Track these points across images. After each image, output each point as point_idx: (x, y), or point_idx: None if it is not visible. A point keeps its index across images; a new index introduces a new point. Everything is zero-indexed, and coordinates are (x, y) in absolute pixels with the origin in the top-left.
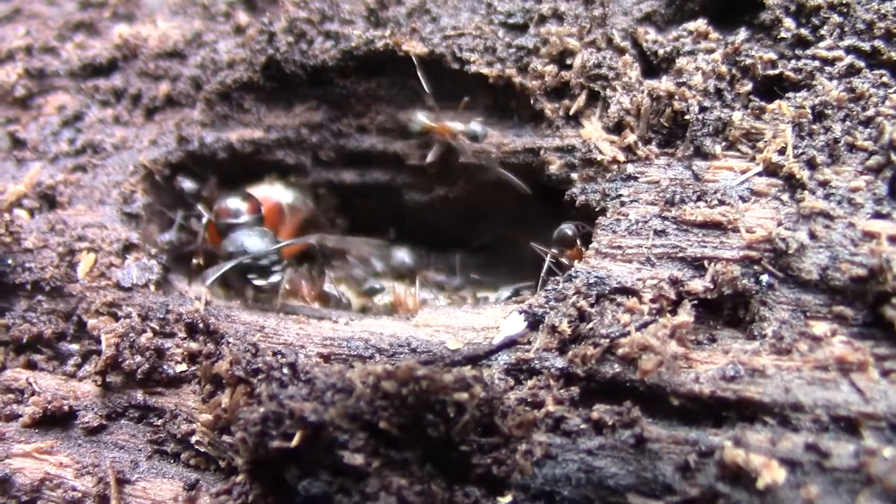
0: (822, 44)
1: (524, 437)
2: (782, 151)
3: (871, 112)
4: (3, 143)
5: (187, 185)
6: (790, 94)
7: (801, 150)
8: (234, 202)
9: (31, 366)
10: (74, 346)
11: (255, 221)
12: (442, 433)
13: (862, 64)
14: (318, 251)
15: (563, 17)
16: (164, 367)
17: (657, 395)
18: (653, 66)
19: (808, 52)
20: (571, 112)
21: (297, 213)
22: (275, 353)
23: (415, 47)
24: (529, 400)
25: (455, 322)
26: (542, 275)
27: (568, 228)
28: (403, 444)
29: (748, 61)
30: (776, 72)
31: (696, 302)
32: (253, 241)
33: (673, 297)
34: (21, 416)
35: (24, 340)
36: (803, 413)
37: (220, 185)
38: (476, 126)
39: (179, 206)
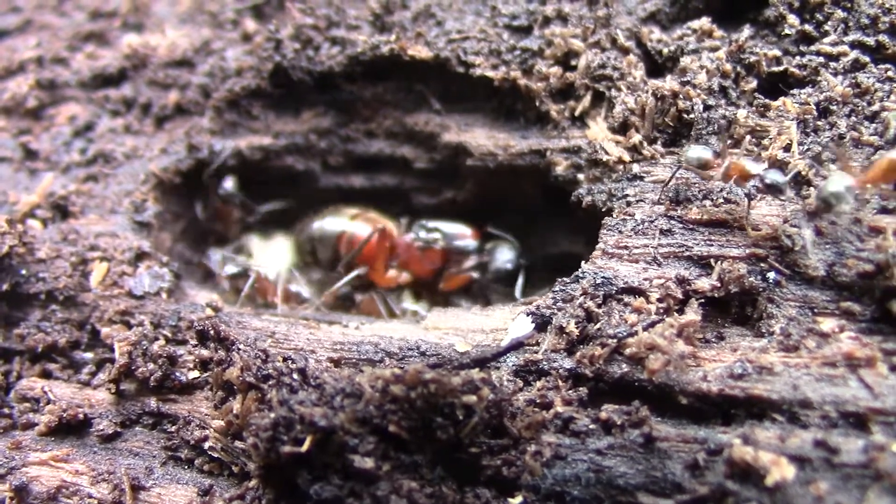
0: (826, 39)
1: (533, 438)
2: (787, 148)
3: (876, 107)
4: (16, 154)
5: (227, 185)
6: (795, 91)
7: (806, 147)
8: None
9: (47, 375)
10: (88, 355)
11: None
12: (451, 435)
13: (867, 59)
14: None
15: (567, 19)
16: (177, 374)
17: (665, 394)
18: (657, 65)
19: (813, 48)
20: (577, 113)
21: None
22: (285, 359)
23: (420, 51)
24: (538, 401)
25: (464, 324)
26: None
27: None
28: (413, 448)
29: (752, 59)
30: (781, 69)
31: (703, 300)
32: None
33: (680, 296)
34: (37, 424)
35: (39, 350)
36: (812, 410)
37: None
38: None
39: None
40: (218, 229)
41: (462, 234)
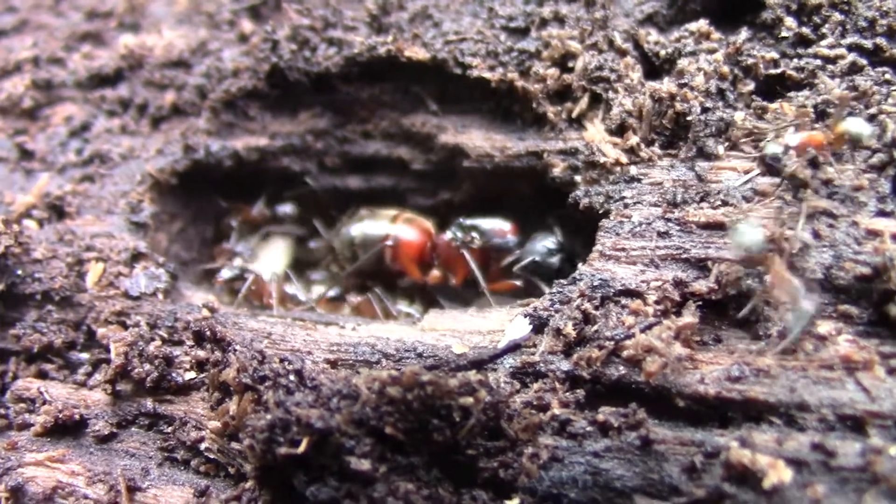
0: (823, 42)
1: (530, 441)
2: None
3: (873, 110)
4: (12, 155)
5: (285, 209)
6: (792, 94)
7: None
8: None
9: (42, 375)
10: (84, 356)
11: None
12: (448, 437)
13: (864, 62)
14: None
15: (564, 20)
16: (173, 374)
17: (663, 396)
18: (655, 67)
19: (810, 50)
20: (574, 115)
21: None
22: (281, 360)
23: (417, 53)
24: (535, 403)
25: (461, 326)
26: None
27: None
28: (410, 449)
29: (750, 61)
30: (778, 71)
31: (700, 303)
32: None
33: (677, 298)
34: (33, 425)
35: (35, 350)
36: (809, 412)
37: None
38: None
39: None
40: (228, 225)
41: (501, 231)
